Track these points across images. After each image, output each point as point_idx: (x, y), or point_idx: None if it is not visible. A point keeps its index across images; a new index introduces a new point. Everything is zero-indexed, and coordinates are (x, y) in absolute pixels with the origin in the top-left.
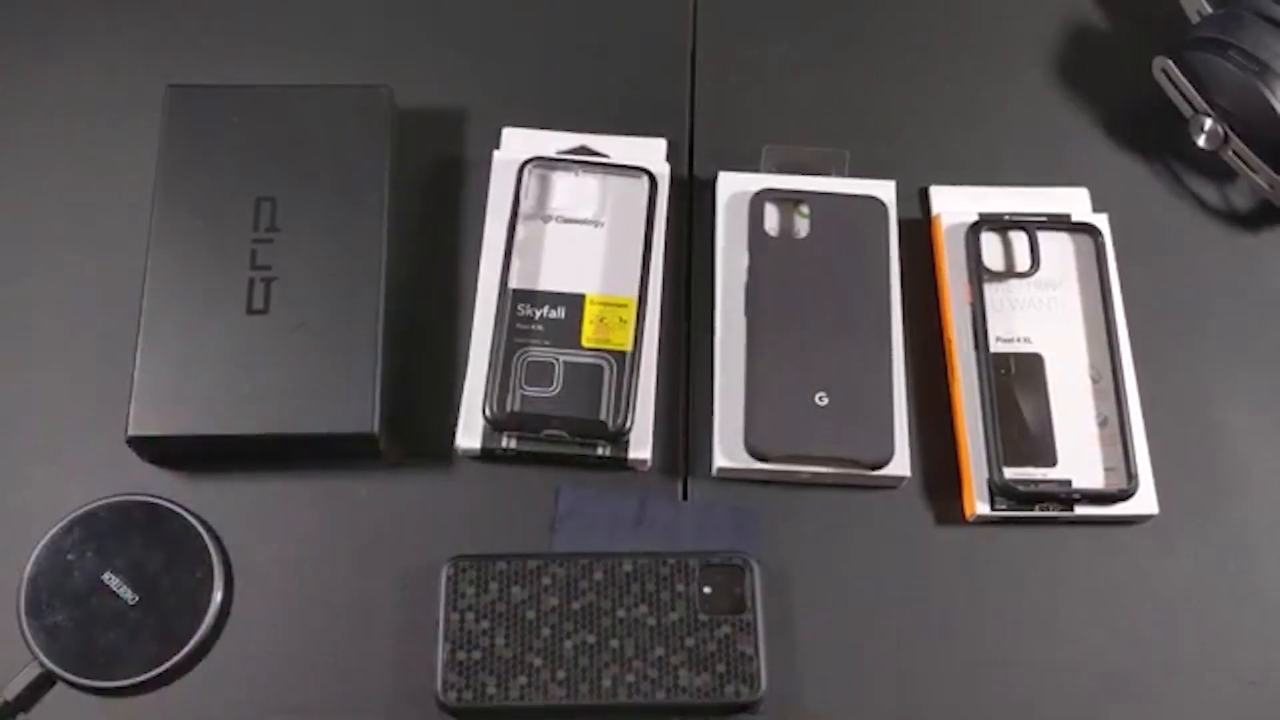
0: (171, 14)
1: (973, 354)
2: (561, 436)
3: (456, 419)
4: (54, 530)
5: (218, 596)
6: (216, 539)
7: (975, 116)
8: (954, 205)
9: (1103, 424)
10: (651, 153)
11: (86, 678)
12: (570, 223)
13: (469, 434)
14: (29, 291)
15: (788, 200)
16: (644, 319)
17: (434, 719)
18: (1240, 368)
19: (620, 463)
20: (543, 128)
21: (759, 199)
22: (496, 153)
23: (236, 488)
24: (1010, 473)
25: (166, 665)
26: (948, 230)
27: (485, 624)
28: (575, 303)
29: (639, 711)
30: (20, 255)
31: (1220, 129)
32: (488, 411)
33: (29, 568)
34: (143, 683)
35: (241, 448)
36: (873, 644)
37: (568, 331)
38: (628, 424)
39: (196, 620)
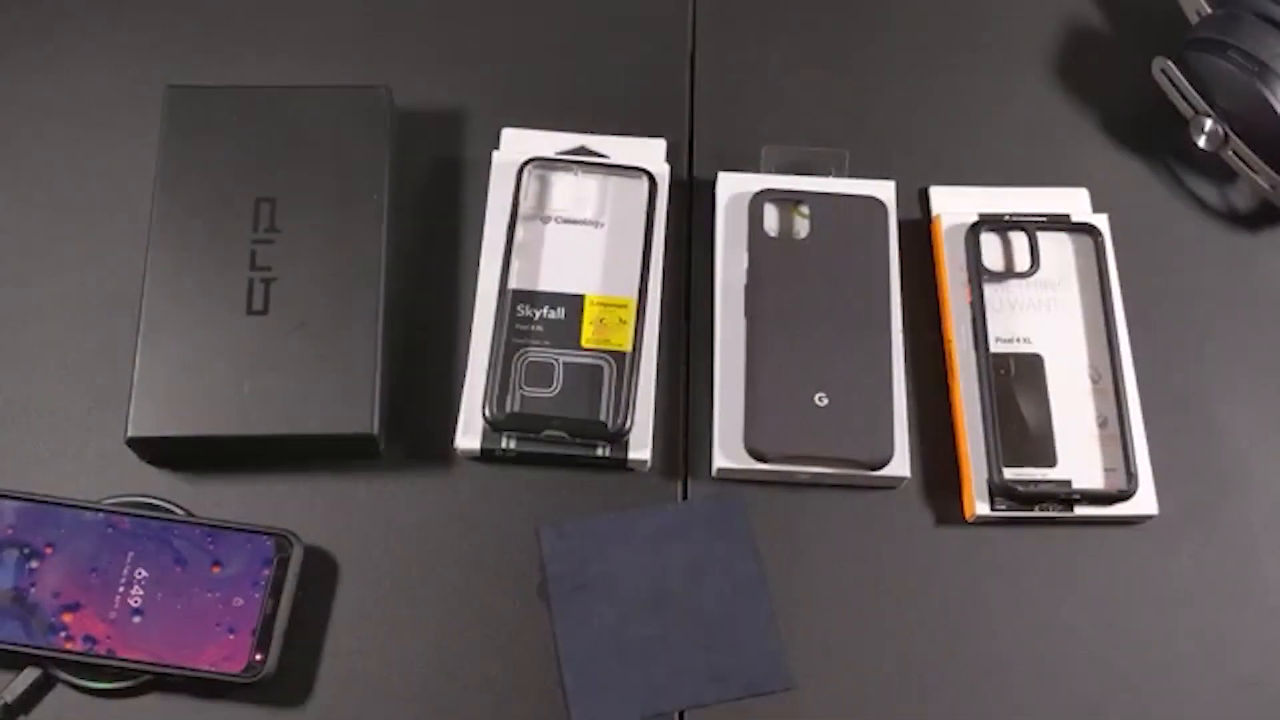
0: (171, 14)
1: (973, 354)
2: (561, 437)
3: (456, 419)
4: None
5: None
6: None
7: (975, 116)
8: (954, 205)
9: (1102, 424)
10: (651, 153)
11: (87, 679)
12: (570, 223)
13: (469, 434)
14: (29, 292)
15: (787, 200)
16: (644, 319)
17: None
18: (1240, 368)
19: (620, 463)
20: (542, 128)
21: (759, 199)
22: (496, 153)
23: (236, 488)
24: (1010, 473)
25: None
26: (948, 230)
27: None
28: (575, 303)
29: None
30: (20, 255)
31: (1220, 129)
32: (487, 412)
33: None
34: (143, 684)
35: (241, 448)
36: (872, 644)
37: (567, 332)
38: (627, 425)
39: None
